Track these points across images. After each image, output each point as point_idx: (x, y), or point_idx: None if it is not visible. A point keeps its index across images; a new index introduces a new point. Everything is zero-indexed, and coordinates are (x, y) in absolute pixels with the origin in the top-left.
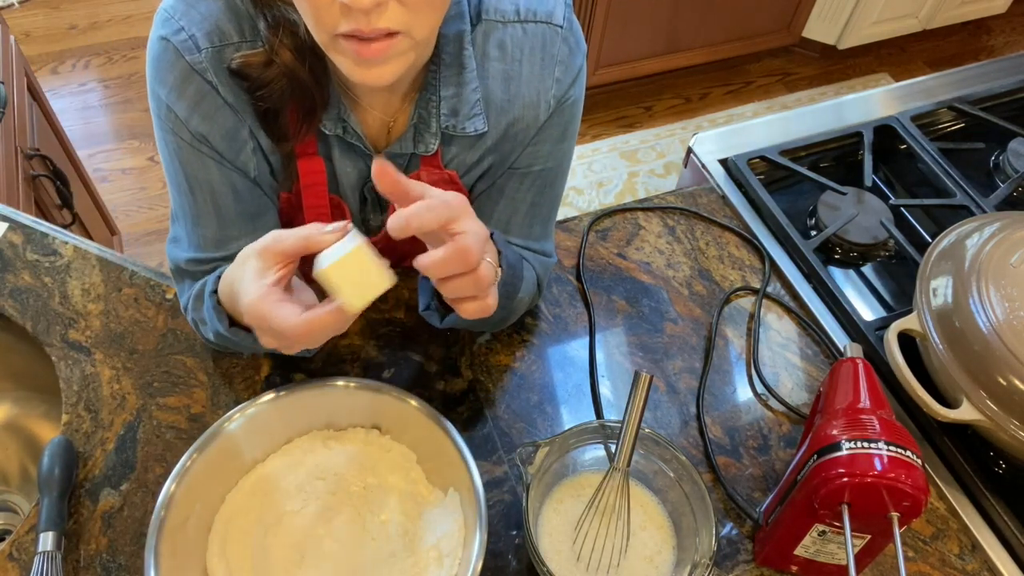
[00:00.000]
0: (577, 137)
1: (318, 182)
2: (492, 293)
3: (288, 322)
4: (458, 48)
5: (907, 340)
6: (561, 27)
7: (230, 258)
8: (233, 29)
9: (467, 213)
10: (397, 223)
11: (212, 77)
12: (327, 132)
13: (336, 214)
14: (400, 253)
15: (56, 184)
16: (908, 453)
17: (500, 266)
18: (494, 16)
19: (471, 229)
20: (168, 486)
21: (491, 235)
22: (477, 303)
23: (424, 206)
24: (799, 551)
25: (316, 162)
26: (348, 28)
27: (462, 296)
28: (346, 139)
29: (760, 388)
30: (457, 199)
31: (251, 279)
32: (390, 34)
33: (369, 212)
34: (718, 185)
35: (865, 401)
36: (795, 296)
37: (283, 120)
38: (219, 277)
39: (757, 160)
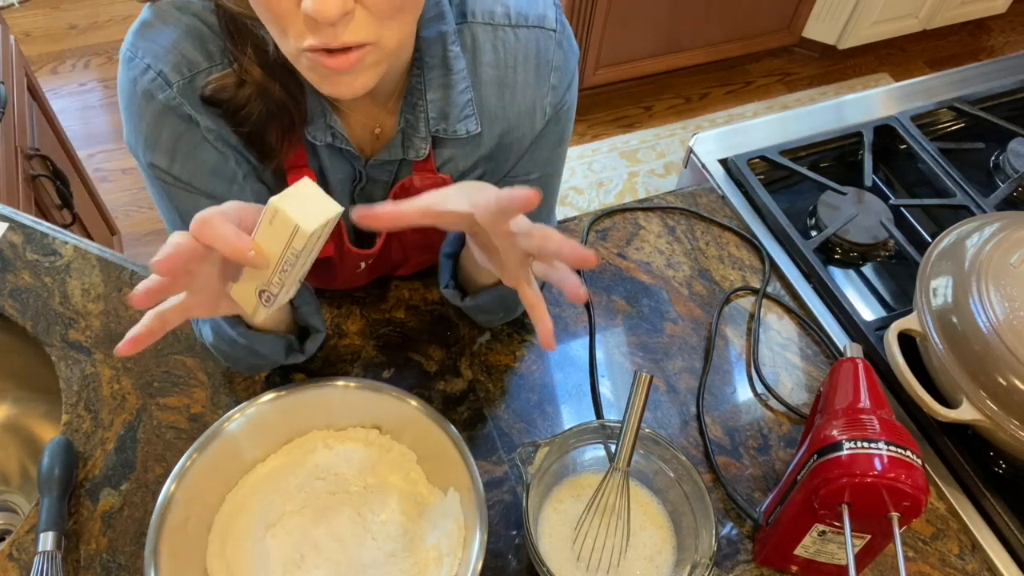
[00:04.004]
0: (577, 128)
1: None
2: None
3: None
4: (442, 50)
5: (907, 340)
6: (555, 31)
7: None
8: (200, 55)
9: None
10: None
11: (189, 110)
12: (317, 143)
13: None
14: (394, 261)
15: (56, 184)
16: (908, 453)
17: None
18: (481, 18)
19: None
20: (168, 486)
21: None
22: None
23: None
24: (799, 551)
25: (306, 175)
26: (314, 42)
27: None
28: (336, 145)
29: (760, 388)
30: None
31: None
32: (359, 46)
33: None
34: (718, 185)
35: (865, 401)
36: (795, 296)
37: (268, 139)
38: None
39: (757, 160)
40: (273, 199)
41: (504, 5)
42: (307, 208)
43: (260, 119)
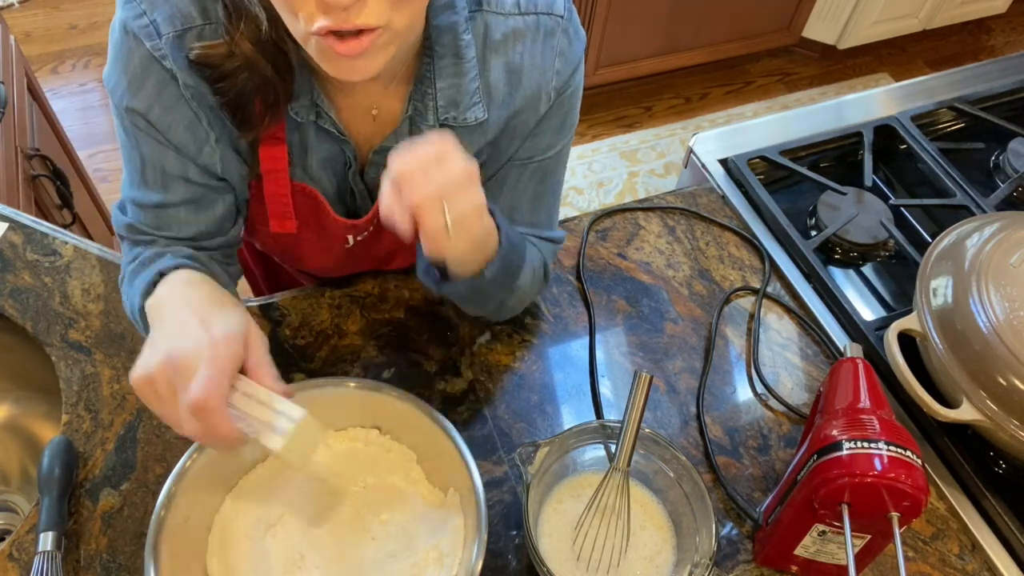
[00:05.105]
0: (577, 128)
1: (279, 168)
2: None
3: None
4: (453, 39)
5: (907, 340)
6: (562, 17)
7: (165, 237)
8: (196, 11)
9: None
10: (387, 213)
11: (171, 64)
12: (299, 120)
13: (302, 201)
14: (388, 247)
15: (56, 184)
16: (908, 453)
17: (500, 242)
18: (495, 8)
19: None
20: (168, 486)
21: (491, 211)
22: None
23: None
24: (799, 551)
25: (279, 149)
26: (326, 24)
27: (424, 198)
28: (320, 124)
29: (760, 388)
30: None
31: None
32: (370, 29)
33: (351, 201)
34: (718, 185)
35: (865, 401)
36: (795, 296)
37: (249, 110)
38: (174, 267)
39: (757, 160)
40: (279, 450)
41: None
42: (300, 445)
43: (244, 91)
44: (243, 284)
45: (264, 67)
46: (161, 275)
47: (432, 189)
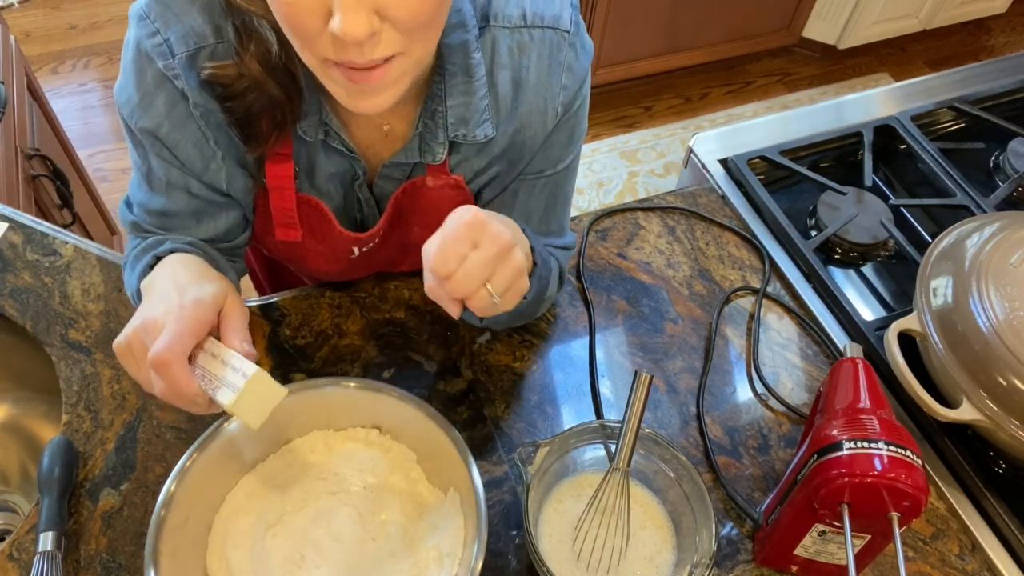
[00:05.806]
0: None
1: (285, 186)
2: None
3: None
4: (464, 57)
5: (907, 340)
6: (568, 32)
7: (169, 238)
8: (209, 30)
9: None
10: (433, 298)
11: (182, 84)
12: (308, 139)
13: (308, 212)
14: (394, 255)
15: (56, 184)
16: (908, 453)
17: (535, 262)
18: (502, 22)
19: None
20: (168, 486)
21: (521, 229)
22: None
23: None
24: (799, 551)
25: (285, 167)
26: (339, 58)
27: (506, 287)
28: (328, 142)
29: (760, 388)
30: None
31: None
32: (386, 59)
33: (358, 211)
34: (718, 185)
35: (865, 401)
36: (795, 296)
37: (257, 128)
38: (170, 252)
39: (757, 160)
40: (228, 405)
41: (521, 7)
42: (253, 402)
43: (252, 110)
44: (246, 283)
45: (272, 88)
46: (157, 259)
47: (474, 281)
